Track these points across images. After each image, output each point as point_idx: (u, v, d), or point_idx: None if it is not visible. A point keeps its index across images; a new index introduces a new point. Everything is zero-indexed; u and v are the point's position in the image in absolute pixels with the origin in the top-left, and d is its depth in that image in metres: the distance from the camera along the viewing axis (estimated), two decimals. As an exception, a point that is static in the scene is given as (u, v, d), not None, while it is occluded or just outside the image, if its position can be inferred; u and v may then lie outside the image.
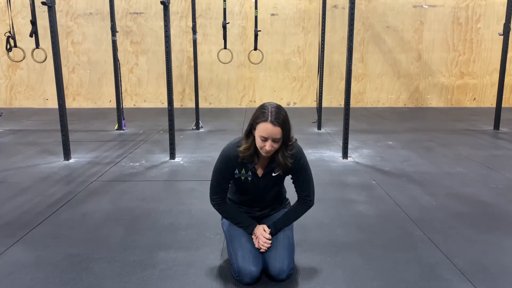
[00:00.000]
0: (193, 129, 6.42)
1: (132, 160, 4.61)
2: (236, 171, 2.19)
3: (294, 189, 2.27)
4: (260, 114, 1.99)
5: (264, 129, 1.95)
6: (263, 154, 2.05)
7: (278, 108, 2.00)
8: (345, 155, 4.62)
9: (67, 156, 4.54)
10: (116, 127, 6.40)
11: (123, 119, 6.39)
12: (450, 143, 5.43)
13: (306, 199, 2.24)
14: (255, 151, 2.10)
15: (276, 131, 1.95)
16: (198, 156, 4.76)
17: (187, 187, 3.70)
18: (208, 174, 4.11)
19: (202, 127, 6.51)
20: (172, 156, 4.62)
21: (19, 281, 2.14)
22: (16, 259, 2.38)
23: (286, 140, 2.05)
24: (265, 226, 2.23)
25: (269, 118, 1.94)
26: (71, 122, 5.00)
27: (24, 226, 2.82)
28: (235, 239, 2.21)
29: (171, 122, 4.52)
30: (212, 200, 2.26)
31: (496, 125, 6.35)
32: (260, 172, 2.21)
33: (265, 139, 1.98)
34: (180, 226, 2.83)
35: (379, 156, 4.75)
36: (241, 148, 2.08)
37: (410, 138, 5.73)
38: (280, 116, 1.96)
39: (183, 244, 2.57)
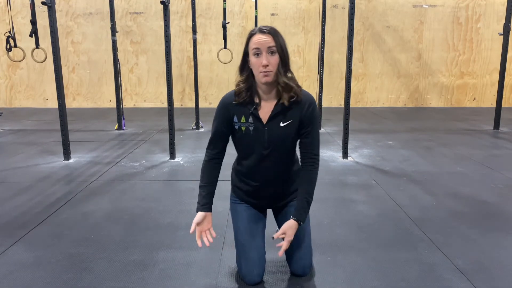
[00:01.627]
0: (193, 129, 6.42)
1: (132, 160, 4.61)
2: (235, 119, 2.01)
3: (300, 151, 2.07)
4: (249, 33, 1.91)
5: (255, 41, 1.85)
6: (263, 78, 1.86)
7: (269, 26, 1.92)
8: (345, 154, 4.62)
9: (67, 156, 4.54)
10: (116, 127, 6.40)
11: (123, 119, 6.39)
12: (450, 142, 5.43)
13: (314, 159, 2.03)
14: (253, 85, 1.96)
15: (267, 37, 1.83)
16: (198, 156, 4.76)
17: (187, 187, 3.70)
18: (208, 174, 4.11)
19: (202, 126, 6.51)
20: (172, 156, 4.62)
21: (19, 281, 2.14)
22: (16, 259, 2.38)
23: (282, 57, 1.88)
24: (291, 223, 1.96)
25: (257, 30, 1.87)
26: (71, 122, 5.00)
27: (24, 226, 2.82)
28: (239, 245, 2.11)
29: (171, 122, 4.52)
30: (206, 152, 2.13)
31: (496, 125, 6.35)
32: (264, 116, 1.98)
33: (259, 53, 1.84)
34: (180, 226, 2.83)
35: (379, 156, 4.75)
36: (236, 82, 1.97)
37: (410, 138, 5.73)
38: (269, 26, 1.89)
39: (183, 244, 2.57)
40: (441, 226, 2.83)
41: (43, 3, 4.13)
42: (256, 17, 6.08)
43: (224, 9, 6.01)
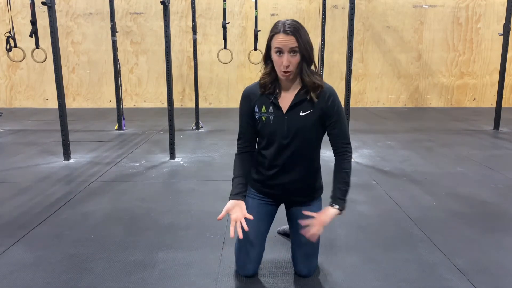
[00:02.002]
0: (193, 129, 6.42)
1: (132, 160, 4.61)
2: (256, 109, 2.03)
3: (331, 143, 2.13)
4: (273, 28, 1.89)
5: (278, 40, 1.83)
6: (283, 76, 1.90)
7: (292, 20, 1.88)
8: (345, 155, 4.61)
9: (67, 156, 4.54)
10: (116, 127, 6.40)
11: (123, 119, 6.39)
12: (450, 143, 5.43)
13: (347, 148, 2.08)
14: (276, 77, 1.97)
15: (290, 39, 1.81)
16: (198, 156, 4.76)
17: (187, 187, 3.70)
18: (209, 174, 4.13)
19: (202, 127, 6.51)
20: (172, 156, 4.62)
21: (19, 281, 2.14)
22: (16, 259, 2.38)
23: (305, 54, 1.88)
24: (329, 210, 2.02)
25: (281, 29, 1.83)
26: (71, 122, 5.00)
27: (24, 226, 2.82)
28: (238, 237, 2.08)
29: (171, 122, 4.52)
30: (237, 144, 2.16)
31: (496, 125, 6.35)
32: (284, 106, 2.00)
33: (280, 52, 1.85)
34: (180, 226, 2.83)
35: (379, 156, 4.75)
36: (261, 75, 1.98)
37: (410, 138, 5.73)
38: (293, 24, 1.84)
39: (183, 244, 2.57)
40: (441, 226, 2.83)
41: (43, 3, 4.13)
42: (256, 17, 6.09)
43: (224, 10, 6.01)
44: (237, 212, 1.93)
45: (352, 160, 4.56)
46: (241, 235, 1.86)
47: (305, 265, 2.15)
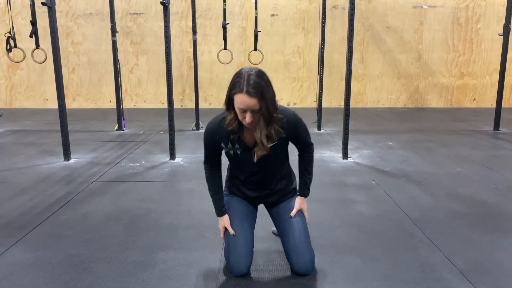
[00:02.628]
0: (193, 130, 6.42)
1: (132, 160, 4.61)
2: (222, 145, 2.10)
3: (296, 147, 2.27)
4: (235, 83, 1.78)
5: (240, 101, 1.75)
6: (246, 125, 1.90)
7: (257, 74, 1.76)
8: (345, 155, 4.62)
9: (67, 156, 4.54)
10: (116, 128, 6.40)
11: (123, 119, 6.39)
12: (450, 143, 5.44)
13: (309, 147, 2.25)
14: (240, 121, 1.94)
15: (253, 102, 1.74)
16: (198, 157, 4.76)
17: (187, 187, 3.70)
18: (208, 174, 4.10)
19: (202, 127, 6.51)
20: (172, 156, 4.62)
21: (19, 281, 2.14)
22: (16, 259, 2.38)
23: (267, 112, 1.83)
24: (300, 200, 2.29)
25: (244, 89, 1.73)
26: (71, 123, 5.00)
27: (24, 226, 2.82)
28: (229, 236, 2.21)
29: (171, 123, 4.52)
30: (204, 165, 2.25)
31: (496, 126, 6.35)
32: (250, 141, 2.03)
33: (243, 111, 1.80)
34: (180, 227, 2.83)
35: (379, 157, 4.75)
36: (227, 122, 1.93)
37: (410, 139, 5.74)
38: (257, 85, 1.73)
39: (183, 245, 2.57)
40: (441, 226, 2.83)
41: (43, 3, 4.13)
42: (256, 17, 6.09)
43: (224, 10, 6.01)
44: (226, 223, 2.23)
45: (352, 160, 4.58)
46: (233, 232, 2.16)
47: (301, 263, 2.14)
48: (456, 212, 3.08)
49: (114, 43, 6.16)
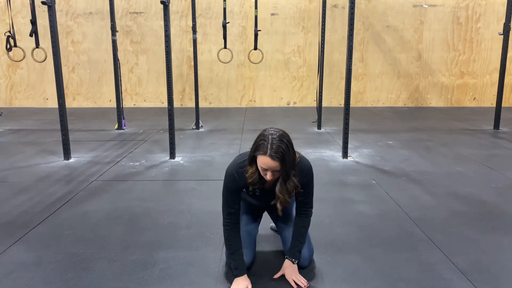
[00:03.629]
0: (193, 129, 6.42)
1: (132, 159, 4.61)
2: (244, 189, 2.15)
3: (296, 204, 2.22)
4: (260, 145, 1.91)
5: (263, 162, 1.89)
6: (267, 180, 2.01)
7: (280, 138, 1.89)
8: (345, 154, 4.62)
9: (67, 155, 4.55)
10: (116, 127, 6.40)
11: (123, 118, 6.39)
12: (450, 142, 5.44)
13: (308, 211, 2.20)
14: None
15: (275, 165, 1.88)
16: (198, 156, 4.76)
17: (187, 186, 3.70)
18: (209, 173, 4.13)
19: (202, 126, 6.51)
20: (172, 155, 4.62)
21: (20, 281, 2.15)
22: (16, 258, 2.38)
23: (288, 172, 1.97)
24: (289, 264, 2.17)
25: (268, 152, 1.86)
26: (71, 122, 5.01)
27: (24, 226, 2.82)
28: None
29: (171, 122, 4.52)
30: (224, 220, 2.13)
31: (496, 125, 6.35)
32: (268, 186, 2.15)
33: (265, 170, 1.93)
34: (180, 226, 2.83)
35: (379, 156, 4.75)
36: (247, 174, 2.03)
37: (410, 138, 5.74)
38: (280, 149, 1.87)
39: (183, 244, 2.57)
40: (441, 226, 2.83)
41: (43, 2, 4.13)
42: (256, 17, 6.09)
43: (224, 9, 6.01)
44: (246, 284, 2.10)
45: (352, 159, 4.58)
46: None
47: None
48: (456, 211, 3.08)
49: (114, 42, 6.16)
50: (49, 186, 3.67)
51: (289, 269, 2.16)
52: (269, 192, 2.13)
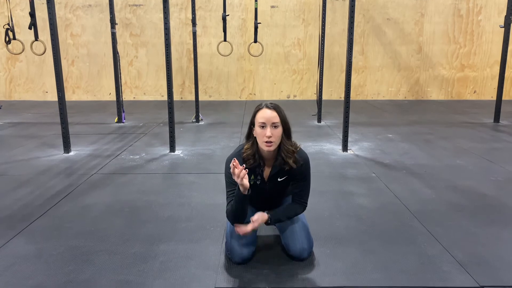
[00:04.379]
0: (193, 122, 6.42)
1: (132, 153, 4.61)
2: None
3: (292, 195, 2.33)
4: (256, 108, 2.16)
5: (261, 115, 2.10)
6: (266, 148, 2.11)
7: (273, 102, 2.17)
8: (345, 148, 4.62)
9: (67, 149, 4.55)
10: (116, 120, 6.39)
11: (123, 111, 6.38)
12: (450, 136, 5.44)
13: (303, 204, 2.31)
14: (258, 150, 2.19)
15: (273, 114, 2.09)
16: (198, 149, 4.76)
17: (187, 180, 3.71)
18: (209, 167, 4.13)
19: (202, 119, 6.50)
20: (172, 149, 4.62)
21: (21, 273, 2.16)
22: (17, 251, 2.39)
23: (285, 127, 2.15)
24: (264, 214, 2.23)
25: (264, 106, 2.13)
26: (70, 115, 5.00)
27: (25, 219, 2.82)
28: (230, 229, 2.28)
29: (171, 115, 4.51)
30: (227, 211, 2.20)
31: (496, 118, 6.35)
32: (266, 175, 2.27)
33: (263, 125, 2.09)
34: (180, 219, 2.84)
35: (379, 149, 4.75)
36: (244, 149, 2.19)
37: (410, 131, 5.73)
38: (273, 103, 2.15)
39: (183, 237, 2.58)
40: (440, 218, 2.84)
41: (42, -5, 4.10)
42: (256, 9, 6.05)
43: (224, 2, 5.98)
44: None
45: (352, 153, 4.58)
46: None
47: (296, 247, 2.22)
48: (456, 205, 3.09)
49: (113, 35, 6.14)
50: (49, 179, 3.68)
51: (260, 218, 2.20)
52: (268, 182, 2.26)
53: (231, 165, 1.98)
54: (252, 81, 9.01)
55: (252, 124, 2.18)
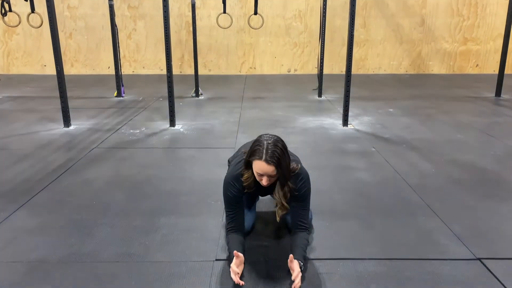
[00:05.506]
0: (192, 96, 6.38)
1: (132, 127, 4.60)
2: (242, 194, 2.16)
3: (291, 216, 2.14)
4: (255, 150, 1.93)
5: (259, 167, 1.91)
6: (263, 184, 2.00)
7: (274, 143, 1.92)
8: (345, 122, 4.61)
9: (67, 123, 4.54)
10: (115, 94, 6.35)
11: (122, 86, 6.33)
12: (451, 110, 5.41)
13: (305, 226, 2.10)
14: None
15: (271, 169, 1.90)
16: (198, 124, 4.75)
17: (187, 154, 3.71)
18: (209, 141, 4.14)
19: (201, 94, 6.46)
20: (172, 123, 4.61)
21: (23, 246, 2.19)
22: (20, 224, 2.42)
23: (284, 176, 1.97)
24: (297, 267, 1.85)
25: (263, 157, 1.88)
26: (70, 89, 4.96)
27: (26, 192, 2.85)
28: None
29: (170, 89, 4.48)
30: (228, 224, 2.12)
31: (498, 92, 6.31)
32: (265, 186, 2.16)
33: (261, 175, 1.94)
34: (181, 193, 2.86)
35: (379, 124, 4.74)
36: (243, 178, 2.05)
37: (411, 105, 5.71)
38: (275, 154, 1.89)
39: (184, 210, 2.60)
40: (439, 193, 2.86)
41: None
42: (256, -20, 5.91)
43: (224, -28, 5.83)
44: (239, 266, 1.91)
45: (353, 127, 4.57)
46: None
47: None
48: (455, 179, 3.10)
49: (111, 7, 6.02)
50: (50, 154, 3.68)
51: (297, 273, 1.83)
52: (266, 188, 2.12)
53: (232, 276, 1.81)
54: (252, 55, 8.90)
55: (249, 163, 2.00)
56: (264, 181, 1.95)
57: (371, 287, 1.86)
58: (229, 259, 1.98)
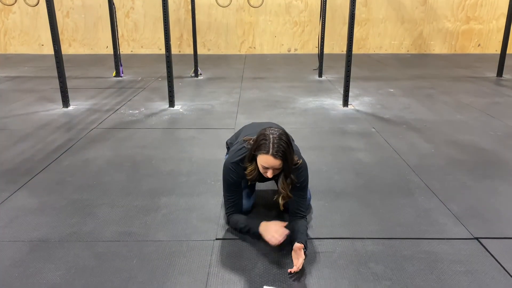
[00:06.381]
0: (191, 76, 6.34)
1: (131, 107, 4.59)
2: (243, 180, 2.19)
3: (289, 205, 2.14)
4: (261, 144, 1.94)
5: (265, 161, 1.93)
6: (267, 177, 2.04)
7: (280, 137, 1.93)
8: (345, 102, 4.59)
9: (65, 103, 4.52)
10: (114, 74, 6.31)
11: (121, 65, 6.28)
12: (451, 90, 5.39)
13: (302, 214, 2.11)
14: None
15: (277, 163, 1.92)
16: (198, 104, 4.73)
17: (187, 135, 3.71)
18: (208, 122, 4.13)
19: (201, 74, 6.42)
20: (171, 103, 4.59)
21: (25, 226, 2.20)
22: (21, 204, 2.43)
23: (289, 168, 2.00)
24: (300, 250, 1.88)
25: (270, 151, 1.90)
26: (68, 69, 4.93)
27: (26, 173, 2.85)
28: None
29: (169, 69, 4.45)
30: (227, 209, 2.18)
31: (499, 72, 6.27)
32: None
33: (266, 168, 1.96)
34: (181, 173, 2.87)
35: (379, 104, 4.72)
36: (247, 172, 2.07)
37: (412, 86, 5.68)
38: (281, 148, 1.91)
39: (184, 190, 2.61)
40: (438, 173, 2.87)
41: None
42: (256, -43, 5.80)
43: (223, -51, 5.72)
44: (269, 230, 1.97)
45: (353, 108, 4.56)
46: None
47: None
48: (454, 159, 3.11)
49: (108, -15, 5.92)
50: (49, 134, 3.68)
51: (299, 254, 1.87)
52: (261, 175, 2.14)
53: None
54: (252, 34, 8.80)
55: (254, 157, 2.01)
56: (269, 174, 1.97)
57: (369, 265, 1.88)
58: (230, 238, 2.00)
